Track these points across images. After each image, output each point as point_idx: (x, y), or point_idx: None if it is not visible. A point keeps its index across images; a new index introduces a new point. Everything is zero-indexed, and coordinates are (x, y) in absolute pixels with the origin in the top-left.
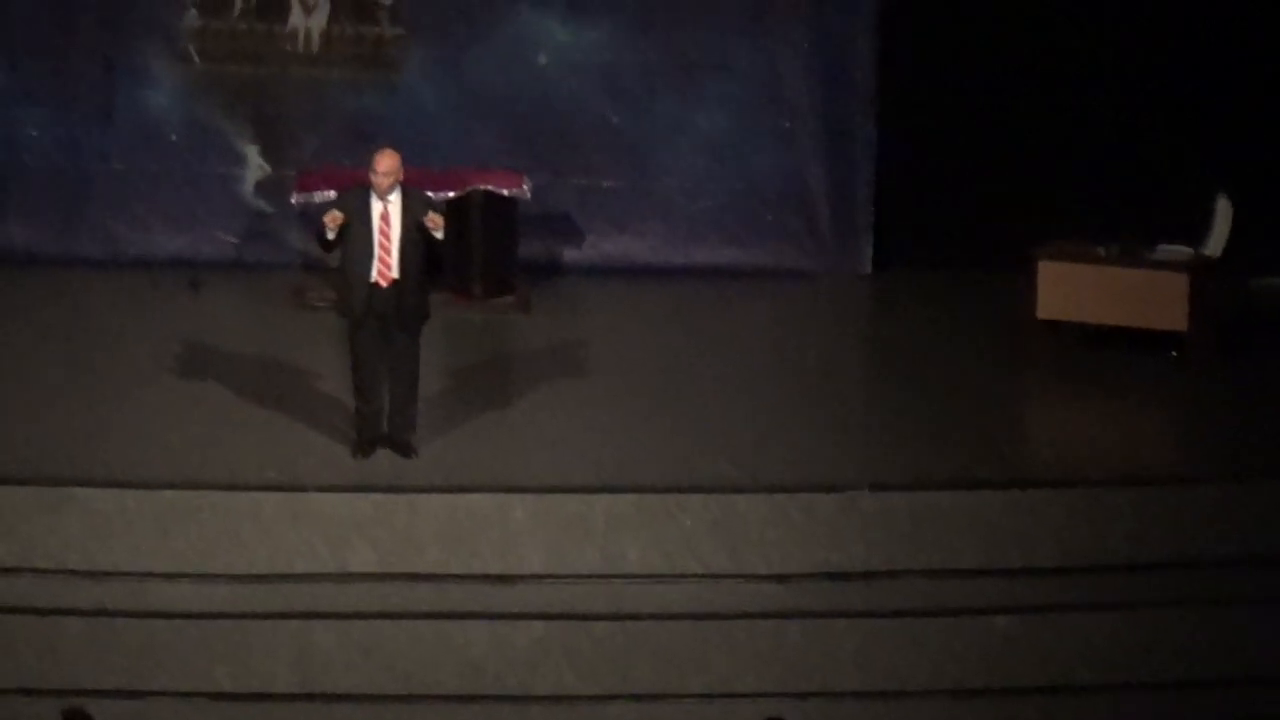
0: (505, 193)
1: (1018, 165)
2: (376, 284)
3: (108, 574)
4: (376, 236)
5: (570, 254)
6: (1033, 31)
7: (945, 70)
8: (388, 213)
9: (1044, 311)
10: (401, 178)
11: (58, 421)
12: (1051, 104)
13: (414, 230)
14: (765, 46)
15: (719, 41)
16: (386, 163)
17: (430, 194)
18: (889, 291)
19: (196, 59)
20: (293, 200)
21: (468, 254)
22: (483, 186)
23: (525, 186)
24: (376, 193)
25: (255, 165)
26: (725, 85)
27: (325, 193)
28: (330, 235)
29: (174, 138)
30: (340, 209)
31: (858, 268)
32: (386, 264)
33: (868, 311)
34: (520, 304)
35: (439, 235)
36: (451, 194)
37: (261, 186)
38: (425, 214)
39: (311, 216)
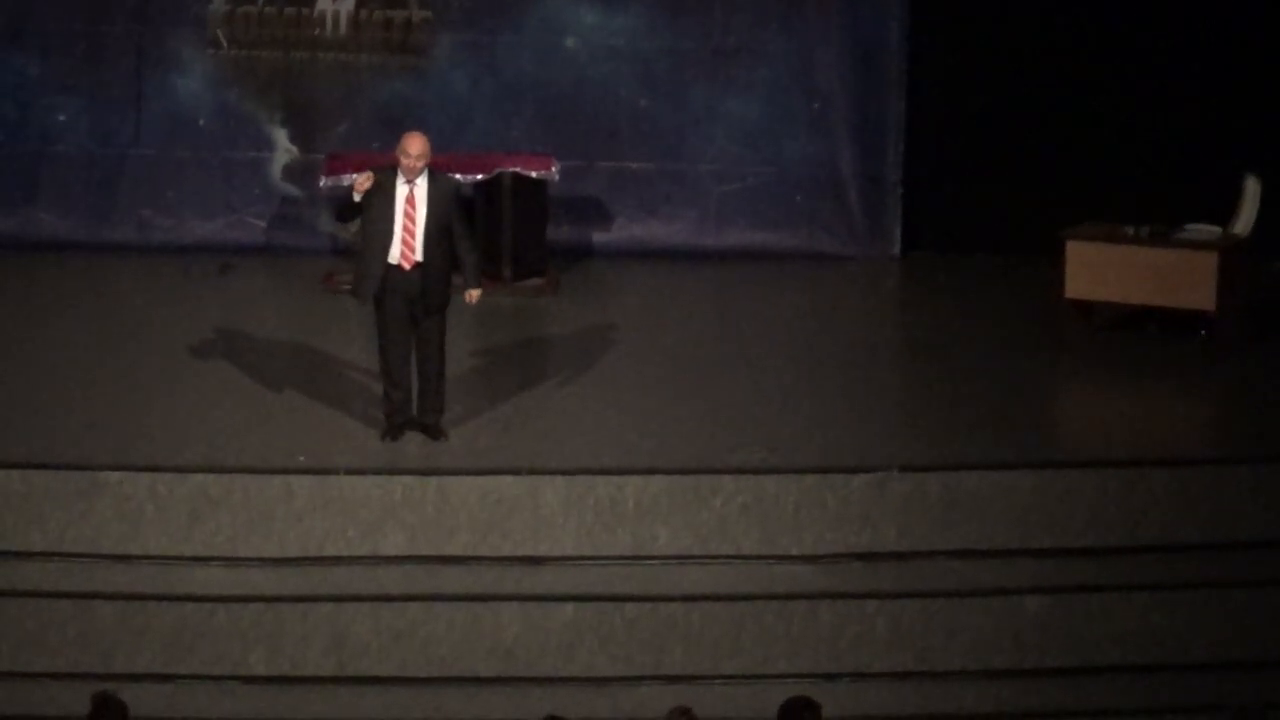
0: (534, 175)
1: (1046, 147)
2: (399, 266)
3: (140, 558)
4: (400, 219)
5: (600, 237)
6: (1061, 13)
7: (974, 53)
8: (413, 196)
9: (1073, 292)
10: (430, 161)
11: (89, 407)
12: (1080, 85)
13: (441, 215)
14: (796, 31)
15: (750, 25)
16: (417, 145)
17: (458, 177)
18: (918, 274)
19: (225, 44)
20: (321, 184)
21: (498, 237)
22: (512, 170)
23: (554, 169)
24: (404, 175)
25: (284, 150)
26: (756, 69)
27: (353, 176)
28: (357, 197)
29: (203, 123)
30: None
31: (887, 251)
32: (410, 246)
33: (897, 294)
34: (550, 287)
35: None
36: (480, 177)
37: (290, 171)
38: (453, 202)
39: (340, 201)
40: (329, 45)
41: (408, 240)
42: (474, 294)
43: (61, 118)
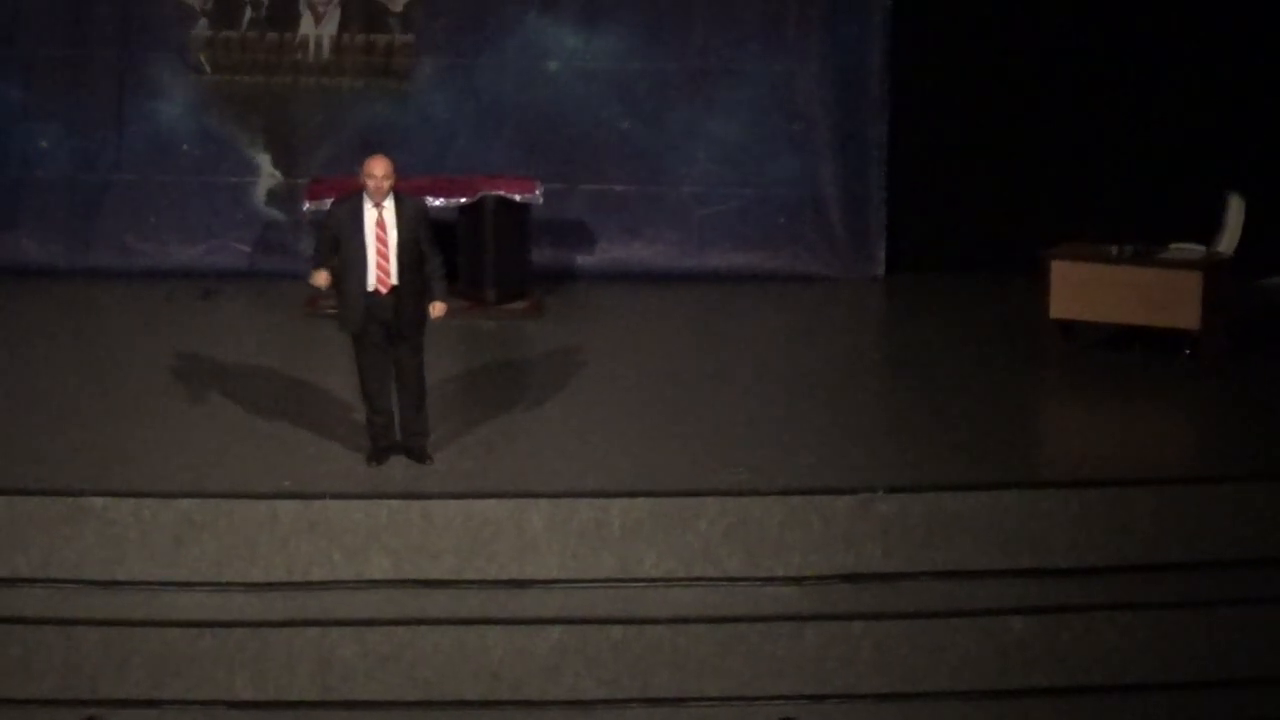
0: (517, 198)
1: (1029, 166)
2: (376, 292)
3: (124, 584)
4: (373, 244)
5: (583, 260)
6: (1041, 33)
7: (956, 72)
8: (383, 219)
9: (1057, 311)
10: (395, 183)
11: (73, 433)
12: (1063, 103)
13: (413, 236)
14: (777, 51)
15: (730, 46)
16: (381, 166)
17: (440, 200)
18: (902, 294)
19: (207, 69)
20: (304, 208)
21: (480, 260)
22: (495, 192)
23: (537, 192)
24: (371, 198)
25: (267, 174)
26: (737, 90)
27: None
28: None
29: (186, 148)
30: (332, 222)
31: (871, 271)
32: (385, 270)
33: (881, 314)
34: (533, 310)
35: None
36: (463, 200)
37: (273, 195)
38: (422, 223)
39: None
40: (311, 69)
41: (382, 265)
42: (439, 307)
43: (43, 144)
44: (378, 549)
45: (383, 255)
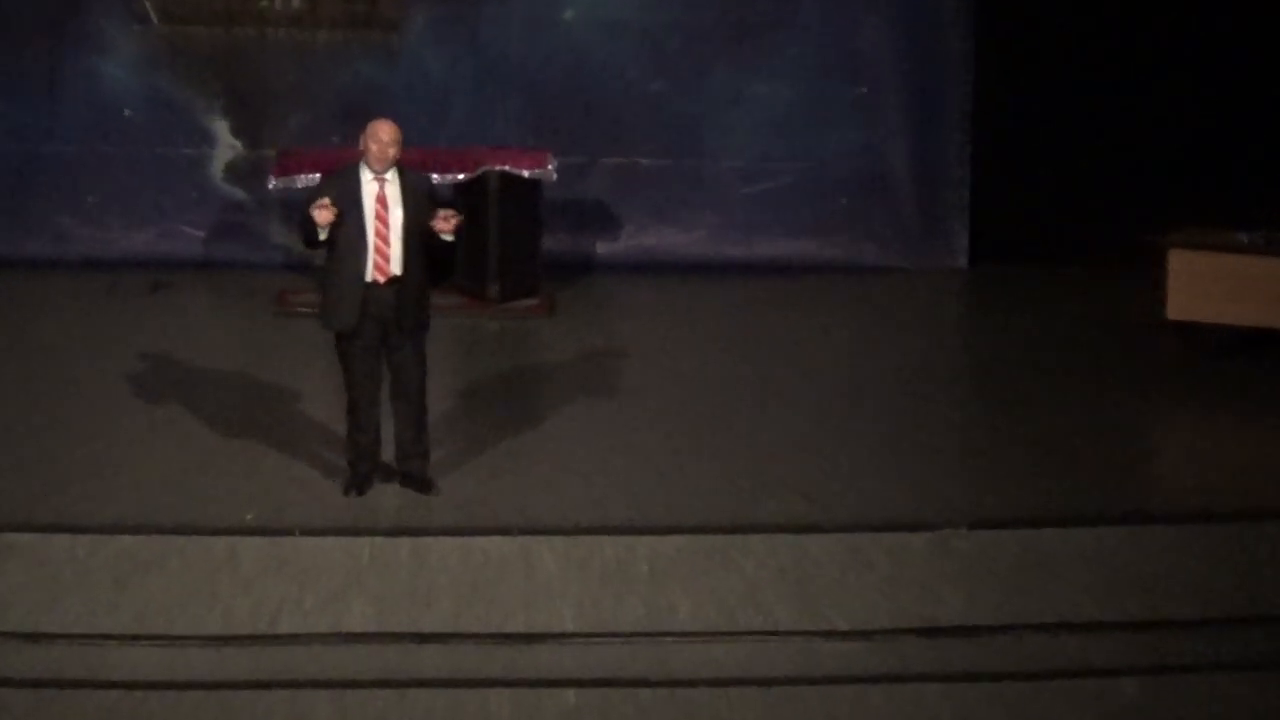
0: (526, 175)
1: (1137, 139)
2: (373, 283)
3: (55, 637)
4: (372, 223)
5: (604, 248)
6: None
7: (1050, 27)
8: (384, 195)
9: (1175, 311)
10: (399, 154)
11: None
12: (1176, 69)
13: (417, 217)
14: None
15: None
16: (388, 130)
17: (435, 177)
18: (987, 289)
19: (155, 19)
20: (271, 186)
21: (482, 248)
22: (499, 168)
23: (550, 167)
24: (373, 167)
25: (226, 145)
26: (790, 46)
27: (310, 176)
28: (321, 234)
29: (130, 114)
30: (328, 194)
31: (950, 262)
32: (385, 256)
33: (962, 313)
34: (544, 308)
35: (449, 238)
36: (462, 176)
37: (234, 171)
38: (427, 203)
39: (294, 205)
40: (280, 20)
41: (382, 249)
42: (448, 216)
43: None
44: (359, 595)
45: (382, 238)
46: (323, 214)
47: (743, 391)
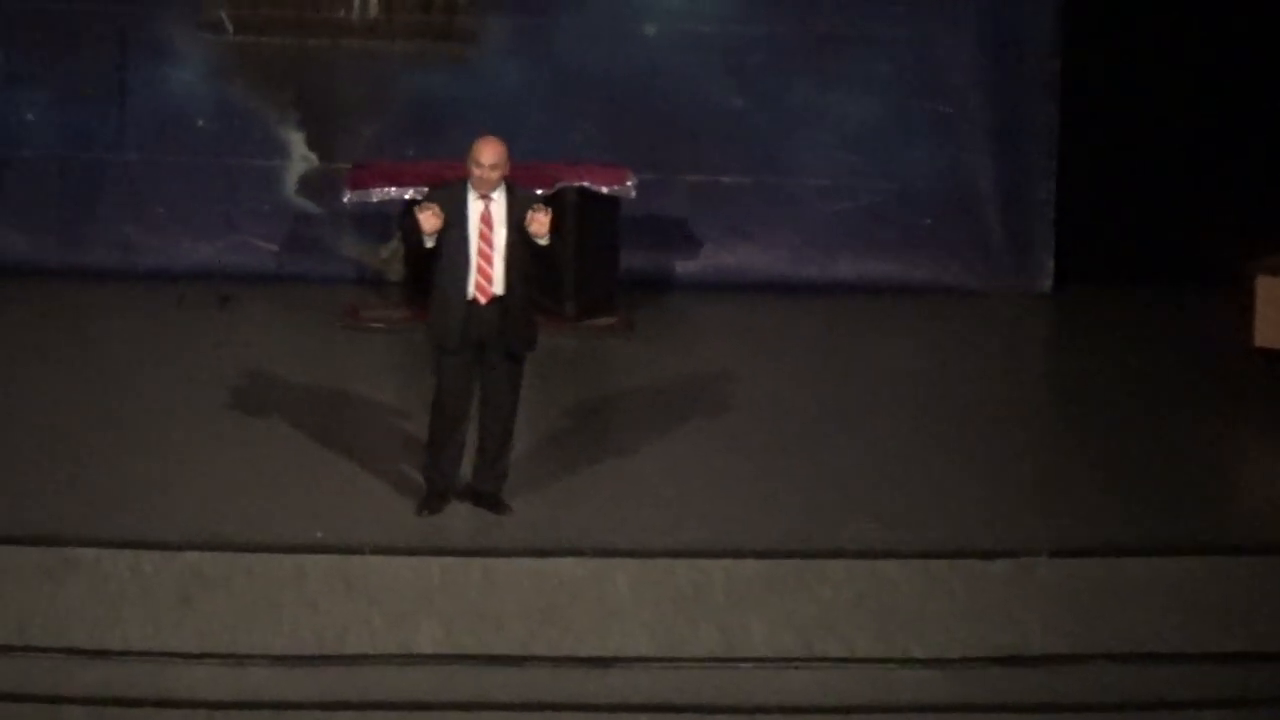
0: (605, 191)
1: (1225, 163)
2: (474, 301)
3: (119, 653)
4: (475, 243)
5: (683, 266)
6: None
7: (1141, 44)
8: (489, 214)
9: (1263, 338)
10: (507, 172)
11: (61, 468)
12: (1265, 91)
13: (519, 236)
14: (922, 14)
15: (865, 9)
16: (493, 152)
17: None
18: (1073, 313)
19: (229, 28)
20: (345, 200)
21: (559, 266)
22: (577, 184)
23: (629, 184)
24: (476, 190)
25: (299, 157)
26: (872, 63)
27: (385, 191)
28: (428, 241)
29: (201, 124)
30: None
31: (1035, 284)
32: (488, 276)
33: (1047, 337)
34: (621, 326)
35: (543, 241)
36: (539, 192)
37: (307, 183)
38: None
39: (367, 219)
40: (354, 30)
41: (484, 269)
42: (541, 218)
43: (29, 116)
44: (428, 615)
45: (485, 258)
46: (428, 220)
47: (821, 415)
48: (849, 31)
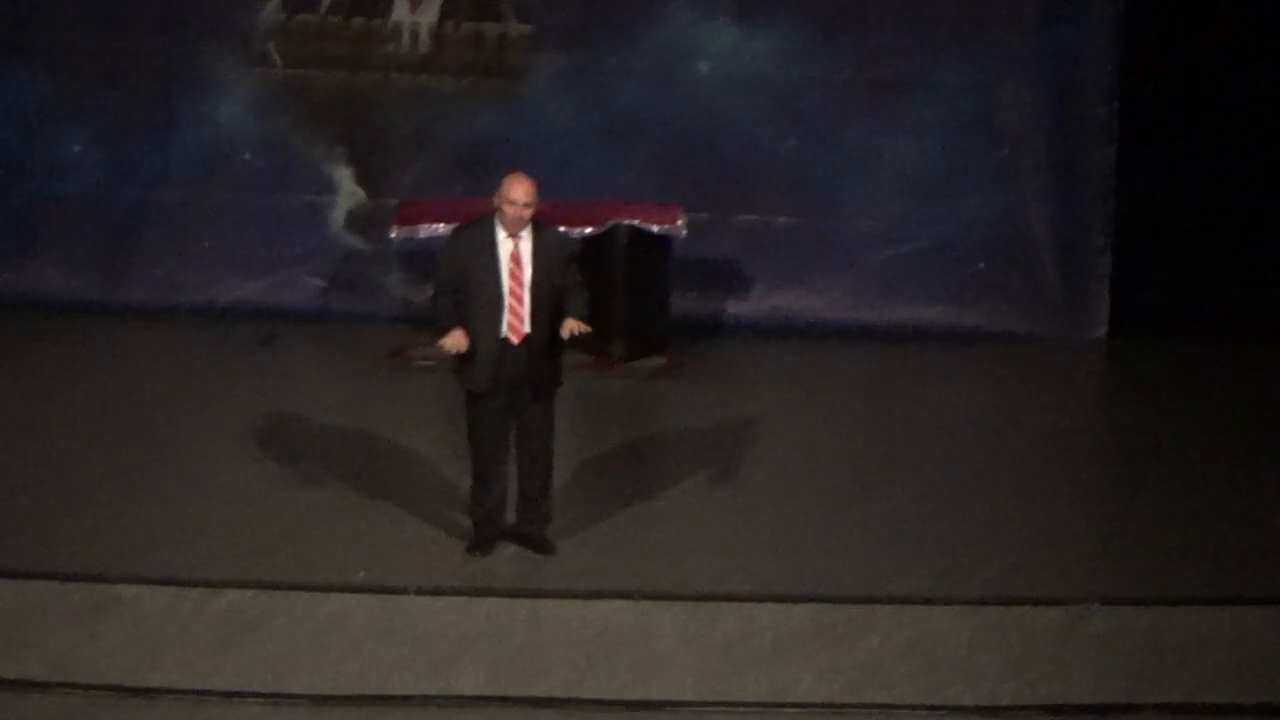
0: (655, 230)
1: None
2: (506, 340)
3: (159, 691)
4: (506, 282)
5: (734, 308)
6: None
7: (1198, 90)
8: (518, 252)
9: None
10: (535, 210)
11: (101, 506)
12: None
13: (550, 275)
14: (978, 59)
15: (922, 51)
16: (523, 191)
17: (561, 228)
18: (1128, 362)
19: (277, 62)
20: (392, 236)
21: (608, 306)
22: (628, 222)
23: (680, 223)
24: (506, 228)
25: (347, 193)
26: (928, 105)
27: (432, 227)
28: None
29: (248, 158)
30: (458, 255)
31: (1090, 333)
32: (519, 315)
33: (1101, 386)
34: (671, 369)
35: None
36: (589, 230)
37: (354, 219)
38: (559, 261)
39: (415, 256)
40: (405, 65)
41: (515, 309)
42: (572, 323)
43: (75, 148)
44: (472, 658)
45: (516, 297)
46: (454, 343)
47: (871, 461)
48: (905, 74)
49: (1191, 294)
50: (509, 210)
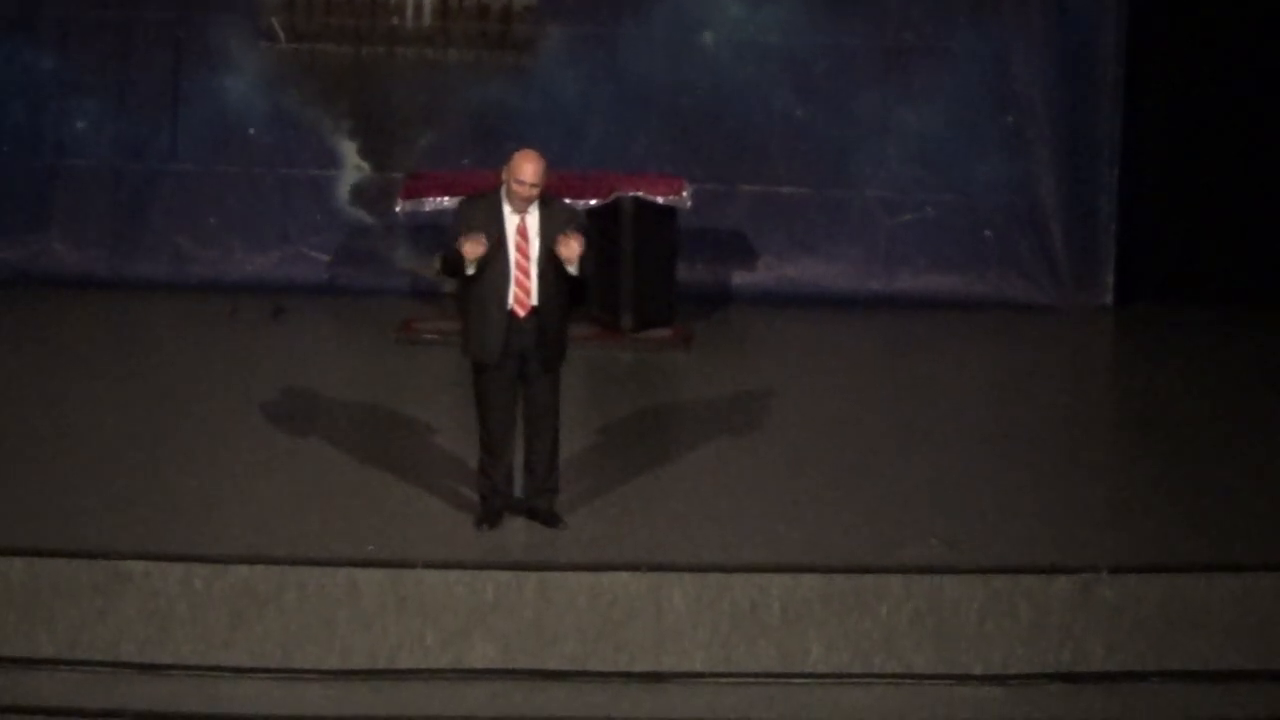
0: (661, 201)
1: None
2: (513, 313)
3: (170, 668)
4: (513, 255)
5: (742, 279)
6: None
7: (1207, 55)
8: (525, 226)
9: None
10: (543, 190)
11: (111, 481)
12: None
13: (553, 248)
14: (988, 26)
15: (931, 19)
16: (533, 170)
17: (569, 202)
18: (1136, 329)
19: (282, 36)
20: (398, 210)
21: (615, 277)
22: (634, 194)
23: (685, 194)
24: (512, 203)
25: (353, 167)
26: (938, 73)
27: (438, 200)
28: (470, 269)
29: (254, 133)
30: (469, 224)
31: (1098, 299)
32: (525, 289)
33: (1110, 354)
34: (679, 340)
35: (573, 269)
36: (595, 202)
37: (361, 193)
38: (567, 229)
39: (422, 230)
40: (410, 38)
41: (522, 282)
42: (572, 244)
43: (80, 125)
44: (482, 631)
45: (523, 270)
46: (474, 249)
47: (882, 431)
48: (914, 42)
49: (1200, 260)
50: (517, 189)
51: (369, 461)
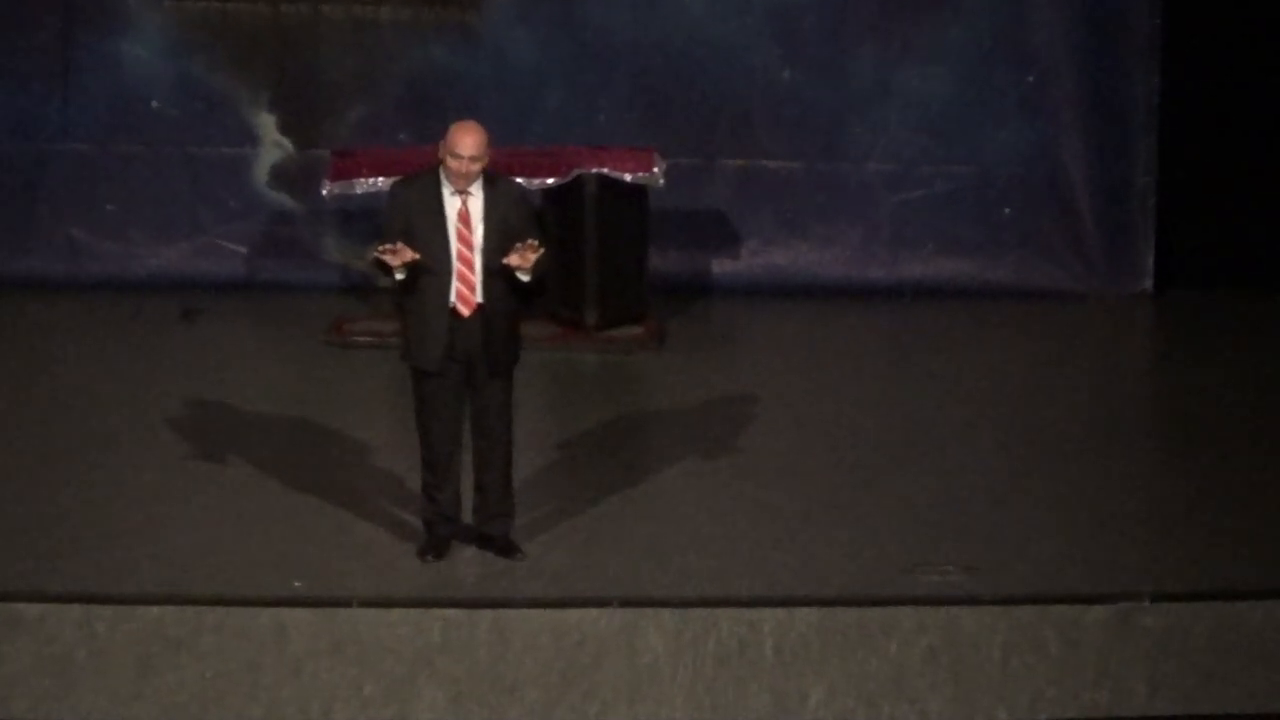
0: (629, 179)
1: None
2: (455, 312)
3: None
4: (455, 245)
5: (723, 267)
6: None
7: (1254, 8)
8: (467, 210)
9: None
10: (487, 163)
11: (0, 510)
12: None
13: (503, 234)
14: None
15: None
16: (472, 142)
17: (523, 182)
18: (1176, 318)
19: None
20: (325, 193)
21: (578, 268)
22: (597, 170)
23: (656, 170)
24: (452, 182)
25: (272, 144)
26: (946, 28)
27: (370, 182)
28: (399, 275)
29: (157, 106)
30: (403, 210)
31: (1134, 285)
32: (469, 284)
33: (1147, 347)
34: (651, 338)
35: (525, 278)
36: (552, 182)
37: (281, 174)
38: (516, 218)
39: (352, 216)
40: None
41: (465, 276)
42: (526, 255)
43: None
44: (429, 678)
45: (466, 262)
46: (396, 259)
47: (886, 440)
48: None
49: (1249, 241)
50: (453, 164)
51: (296, 484)
